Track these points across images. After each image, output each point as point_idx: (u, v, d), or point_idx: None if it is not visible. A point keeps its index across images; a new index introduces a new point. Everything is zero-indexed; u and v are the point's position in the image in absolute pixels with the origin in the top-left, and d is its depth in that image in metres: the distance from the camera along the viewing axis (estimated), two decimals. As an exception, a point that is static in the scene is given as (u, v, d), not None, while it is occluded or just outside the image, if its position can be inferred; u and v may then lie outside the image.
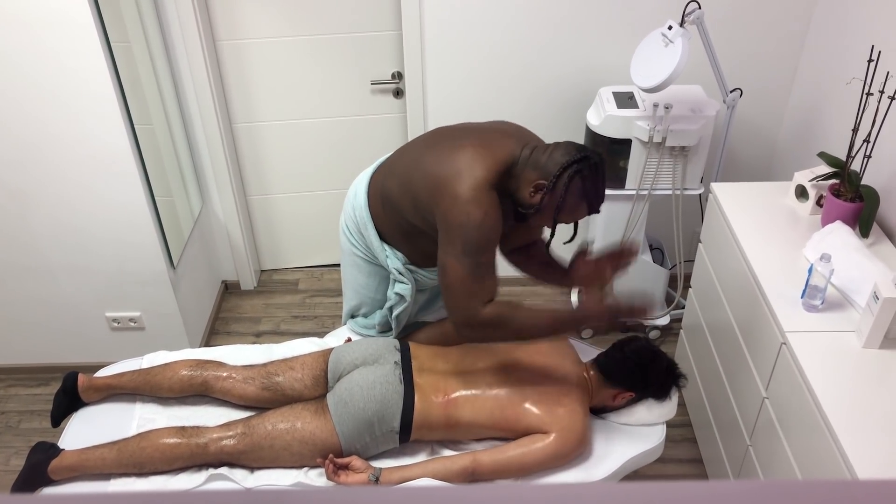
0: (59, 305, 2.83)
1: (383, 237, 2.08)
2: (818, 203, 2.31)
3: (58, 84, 2.32)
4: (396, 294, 2.13)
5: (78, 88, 2.33)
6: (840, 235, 2.13)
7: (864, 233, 2.17)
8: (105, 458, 1.92)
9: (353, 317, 2.34)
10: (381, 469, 1.89)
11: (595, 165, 1.81)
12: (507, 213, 1.89)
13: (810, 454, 1.79)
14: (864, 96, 2.12)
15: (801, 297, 2.00)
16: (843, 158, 2.22)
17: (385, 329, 2.26)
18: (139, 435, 1.96)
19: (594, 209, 1.87)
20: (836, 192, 2.23)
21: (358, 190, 2.11)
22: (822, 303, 1.97)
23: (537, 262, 2.15)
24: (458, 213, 1.78)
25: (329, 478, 1.88)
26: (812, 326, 1.94)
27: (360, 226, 2.10)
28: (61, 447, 1.99)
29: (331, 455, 1.89)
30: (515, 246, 2.14)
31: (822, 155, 2.33)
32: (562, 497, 0.53)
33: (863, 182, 2.20)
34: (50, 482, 1.95)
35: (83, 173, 2.50)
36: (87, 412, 2.14)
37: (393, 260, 2.08)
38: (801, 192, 2.36)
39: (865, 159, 2.15)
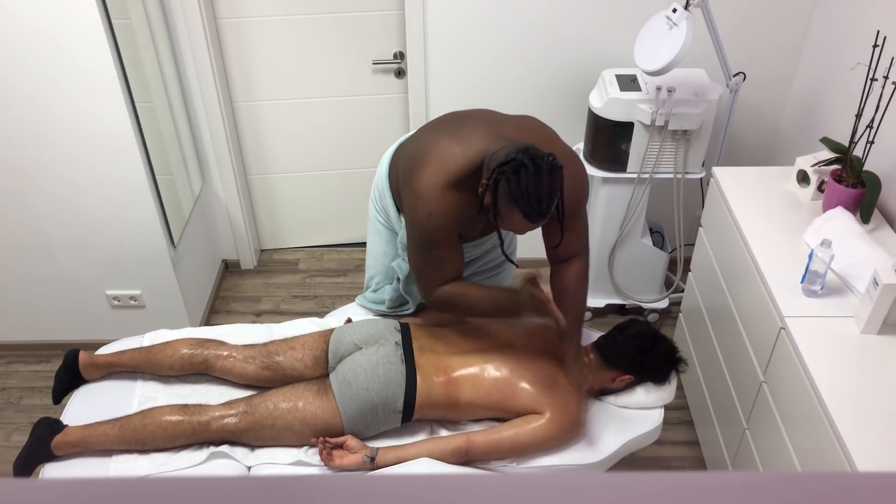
0: (59, 283, 2.83)
1: (399, 208, 2.10)
2: (819, 188, 2.31)
3: (58, 61, 2.31)
4: (398, 266, 2.15)
5: (78, 66, 2.32)
6: (841, 221, 2.13)
7: (865, 219, 2.17)
8: (108, 434, 1.94)
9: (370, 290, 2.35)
10: (376, 449, 1.90)
11: (519, 168, 1.65)
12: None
13: (807, 438, 1.80)
14: (869, 82, 2.11)
15: (801, 283, 2.01)
16: (846, 144, 2.22)
17: (396, 305, 2.27)
18: (142, 412, 1.97)
19: (530, 218, 1.69)
20: (837, 177, 2.23)
21: (384, 159, 2.15)
22: (822, 288, 1.98)
23: (554, 274, 2.07)
24: (409, 208, 1.84)
25: (323, 460, 1.89)
26: (811, 312, 1.94)
27: (382, 194, 2.14)
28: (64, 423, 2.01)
29: (323, 437, 1.90)
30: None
31: (825, 140, 2.32)
32: (553, 487, 0.54)
33: (865, 168, 2.20)
34: (53, 457, 1.96)
35: (83, 151, 2.49)
36: (88, 389, 2.15)
37: (402, 232, 2.10)
38: (803, 178, 2.36)
39: (868, 145, 2.15)
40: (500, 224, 1.78)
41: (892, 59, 2.09)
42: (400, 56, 2.99)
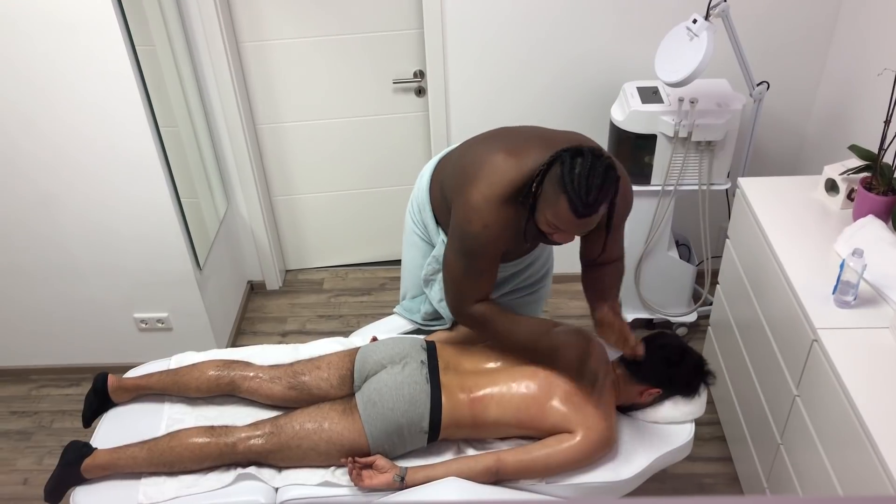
0: (88, 306, 2.87)
1: (438, 222, 2.12)
2: (849, 197, 2.27)
3: (84, 88, 2.35)
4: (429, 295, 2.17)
5: (104, 92, 2.36)
6: (872, 230, 2.09)
7: (898, 227, 2.13)
8: (136, 457, 1.95)
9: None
10: (406, 469, 1.89)
11: (577, 155, 1.67)
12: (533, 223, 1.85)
13: (843, 452, 1.75)
14: (896, 87, 2.07)
15: (833, 293, 1.96)
16: (875, 151, 2.18)
17: (430, 319, 2.29)
18: (169, 434, 1.98)
19: (575, 208, 1.66)
20: (867, 185, 2.19)
21: (424, 172, 2.17)
22: (855, 299, 1.94)
23: (588, 275, 2.08)
24: (462, 217, 1.84)
25: (353, 481, 1.88)
26: (844, 323, 1.90)
27: (421, 207, 2.16)
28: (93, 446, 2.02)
29: (352, 457, 1.89)
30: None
31: (853, 148, 2.29)
32: None
33: None
34: (83, 480, 1.97)
35: (110, 176, 2.53)
36: (118, 412, 2.16)
37: (439, 247, 2.13)
38: (832, 186, 2.32)
39: (898, 152, 2.11)
40: (542, 218, 1.74)
41: (920, 63, 2.06)
42: (420, 74, 3.01)
